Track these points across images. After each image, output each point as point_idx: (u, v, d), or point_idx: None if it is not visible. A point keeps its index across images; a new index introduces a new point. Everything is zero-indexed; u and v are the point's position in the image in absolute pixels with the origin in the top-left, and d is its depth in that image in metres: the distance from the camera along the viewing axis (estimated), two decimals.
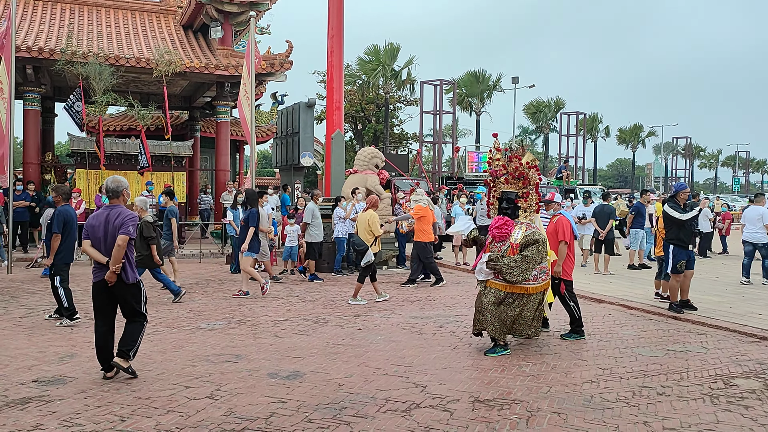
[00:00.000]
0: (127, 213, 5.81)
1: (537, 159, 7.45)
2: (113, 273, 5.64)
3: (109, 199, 5.96)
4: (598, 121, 54.28)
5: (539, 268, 6.84)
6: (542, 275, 6.90)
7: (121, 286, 5.75)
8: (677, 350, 7.11)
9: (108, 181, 5.98)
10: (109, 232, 5.73)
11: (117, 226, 5.69)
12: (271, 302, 9.91)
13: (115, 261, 5.60)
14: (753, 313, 9.11)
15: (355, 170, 15.18)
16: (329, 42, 17.50)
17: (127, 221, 5.70)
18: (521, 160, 7.07)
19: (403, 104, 45.28)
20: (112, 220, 5.76)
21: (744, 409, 5.14)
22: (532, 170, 7.07)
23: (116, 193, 5.92)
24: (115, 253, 5.59)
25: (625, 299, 10.16)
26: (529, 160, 7.12)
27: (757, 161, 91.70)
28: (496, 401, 5.25)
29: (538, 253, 6.76)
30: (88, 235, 5.84)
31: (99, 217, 5.86)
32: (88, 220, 5.96)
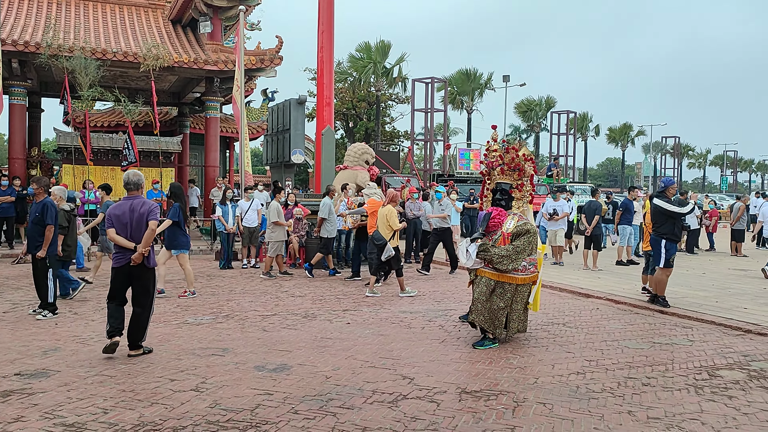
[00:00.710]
0: (151, 202, 6.50)
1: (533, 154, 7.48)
2: (141, 255, 6.19)
3: (128, 191, 6.46)
4: (588, 120, 54.51)
5: (529, 259, 6.87)
6: (531, 267, 6.93)
7: (141, 268, 6.28)
8: (663, 343, 7.14)
9: (129, 174, 6.51)
10: (134, 219, 6.26)
11: (143, 214, 6.28)
12: (259, 297, 9.87)
13: (145, 244, 6.19)
14: (739, 307, 9.17)
15: (345, 166, 15.15)
16: (319, 38, 17.44)
17: (154, 209, 6.36)
18: (518, 151, 7.11)
19: (394, 102, 45.32)
20: (137, 208, 6.30)
21: (728, 399, 5.17)
22: (528, 162, 7.12)
23: (137, 185, 6.48)
24: (147, 237, 6.20)
25: (612, 294, 10.20)
26: (525, 153, 7.16)
27: (745, 161, 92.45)
28: (483, 392, 5.25)
29: (528, 244, 6.79)
30: (113, 224, 6.30)
31: (122, 207, 6.35)
32: (111, 210, 6.41)
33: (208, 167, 19.42)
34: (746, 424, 4.59)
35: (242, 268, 13.53)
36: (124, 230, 6.24)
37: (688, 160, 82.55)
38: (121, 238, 6.23)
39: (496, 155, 7.32)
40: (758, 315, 8.58)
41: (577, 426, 4.53)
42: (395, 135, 46.78)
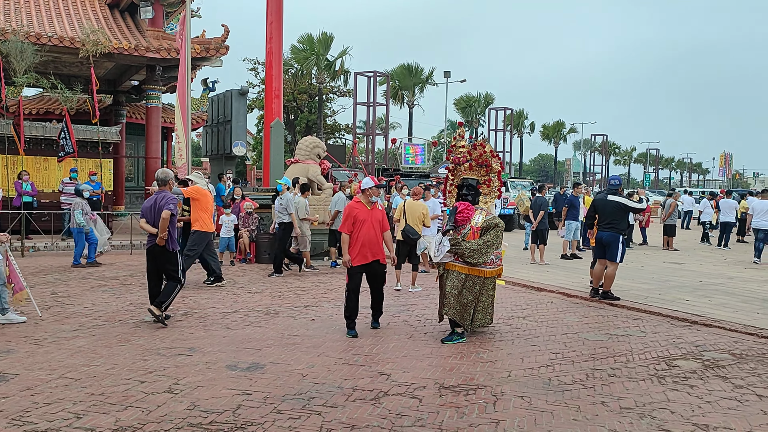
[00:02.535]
0: (171, 195, 7.65)
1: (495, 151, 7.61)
2: (161, 239, 7.40)
3: (158, 186, 7.72)
4: (524, 117, 55.93)
5: (495, 252, 7.01)
6: (497, 260, 7.08)
7: (163, 251, 7.54)
8: (619, 334, 7.45)
9: (158, 172, 7.83)
10: (156, 210, 7.53)
11: (162, 206, 7.44)
12: (215, 294, 9.65)
13: (161, 230, 7.37)
14: (681, 299, 9.66)
15: (296, 160, 14.95)
16: (268, 28, 17.14)
17: (169, 201, 7.51)
18: (485, 147, 7.24)
19: (335, 95, 45.06)
20: (159, 201, 7.54)
21: (689, 389, 5.45)
22: (495, 158, 7.25)
23: (164, 182, 7.74)
24: (161, 224, 7.36)
25: (563, 287, 10.54)
26: (490, 149, 7.30)
27: (666, 158, 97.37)
28: (461, 387, 5.34)
29: (497, 238, 6.94)
30: (144, 215, 7.65)
31: (150, 200, 7.67)
32: (144, 204, 7.72)
33: (149, 159, 18.80)
34: (711, 412, 4.86)
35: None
36: (150, 220, 7.56)
37: (615, 157, 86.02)
38: (148, 226, 7.55)
39: (463, 151, 7.43)
40: (700, 306, 9.07)
41: (557, 418, 4.67)
42: (336, 128, 46.56)
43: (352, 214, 7.23)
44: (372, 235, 7.20)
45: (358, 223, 7.15)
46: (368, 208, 7.30)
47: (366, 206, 7.30)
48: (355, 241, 7.17)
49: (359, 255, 7.15)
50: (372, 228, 7.20)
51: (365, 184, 7.43)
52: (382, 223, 7.39)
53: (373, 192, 7.40)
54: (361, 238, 7.14)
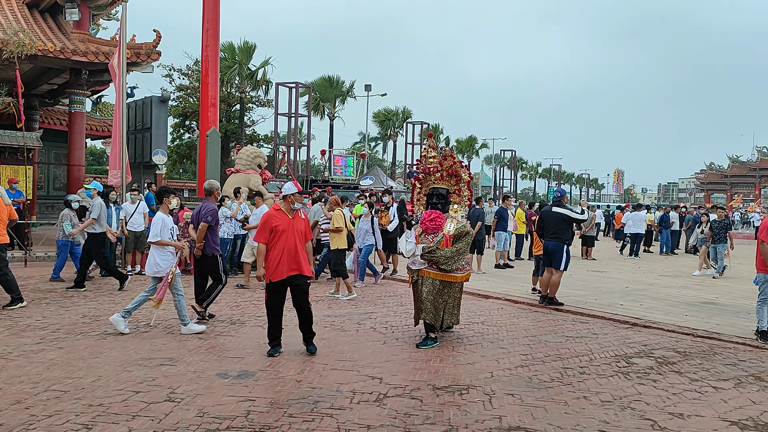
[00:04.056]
0: (210, 207, 8.43)
1: None
2: (198, 249, 8.25)
3: (206, 196, 8.68)
4: (439, 132, 57.48)
5: (465, 258, 7.38)
6: (466, 266, 7.46)
7: (203, 256, 8.33)
8: (574, 336, 8.00)
9: (205, 184, 8.76)
10: (200, 218, 8.35)
11: (203, 216, 8.31)
12: (169, 305, 9.40)
13: (197, 239, 8.27)
14: (615, 303, 10.44)
15: (237, 169, 14.82)
16: (204, 36, 16.96)
17: (207, 213, 8.32)
18: (455, 158, 7.61)
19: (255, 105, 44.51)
20: (201, 211, 8.39)
21: (653, 383, 6.00)
22: (464, 169, 7.64)
23: (209, 192, 8.66)
24: (198, 234, 8.28)
25: (508, 295, 11.10)
26: (459, 160, 7.70)
27: (568, 174, 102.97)
28: (453, 387, 5.62)
29: (467, 245, 7.32)
30: (192, 221, 8.73)
31: (197, 210, 8.60)
32: (193, 211, 8.83)
33: (72, 166, 17.88)
34: (680, 403, 5.40)
35: (128, 274, 12.70)
36: (196, 227, 8.39)
37: (522, 172, 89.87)
38: (194, 232, 8.53)
39: (434, 162, 7.77)
40: (634, 310, 9.84)
41: (550, 412, 5.05)
42: (255, 138, 45.96)
43: (270, 223, 6.65)
44: (293, 246, 6.63)
45: (277, 233, 6.61)
46: (289, 217, 6.73)
47: (287, 215, 6.73)
48: (274, 253, 6.60)
49: (278, 268, 6.59)
50: (293, 238, 6.64)
51: (287, 190, 6.84)
52: (305, 233, 6.84)
53: (295, 199, 6.83)
54: (280, 249, 6.58)
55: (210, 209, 8.39)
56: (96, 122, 25.88)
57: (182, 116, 44.04)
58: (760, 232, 7.75)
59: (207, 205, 8.45)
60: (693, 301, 11.00)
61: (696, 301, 10.94)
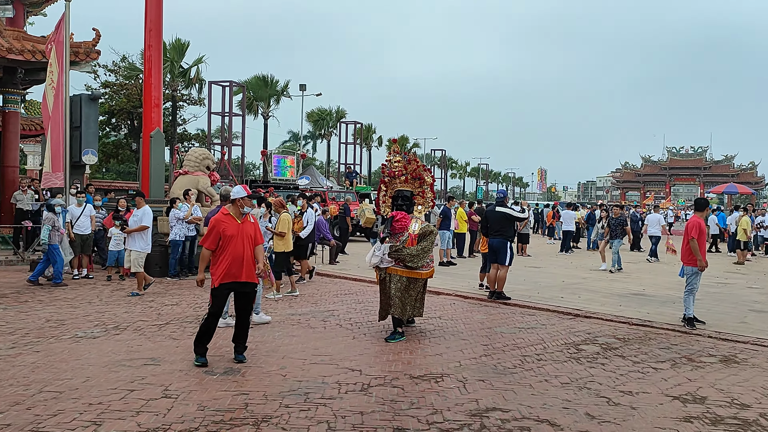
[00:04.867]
0: None
1: None
2: None
3: (221, 201, 8.40)
4: (372, 131, 58.10)
5: (429, 256, 7.90)
6: (431, 263, 7.97)
7: None
8: (525, 328, 8.68)
9: (221, 189, 9.16)
10: None
11: None
12: (132, 307, 9.48)
13: None
14: (556, 297, 11.26)
15: (185, 171, 14.78)
16: (147, 36, 16.72)
17: None
18: (419, 162, 8.13)
19: (186, 103, 43.66)
20: None
21: (602, 366, 6.71)
22: (426, 172, 8.16)
23: (225, 198, 7.99)
24: None
25: (458, 291, 11.73)
26: (422, 164, 8.22)
27: (495, 172, 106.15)
28: (428, 376, 6.11)
29: (431, 243, 7.85)
30: (206, 224, 8.59)
31: (211, 213, 8.57)
32: (207, 216, 8.86)
33: (7, 167, 17.26)
34: (628, 382, 6.11)
35: (73, 278, 12.53)
36: None
37: (451, 170, 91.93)
38: None
39: (399, 166, 8.26)
40: (573, 302, 10.67)
41: (519, 394, 5.62)
42: (186, 137, 45.08)
43: (218, 228, 6.44)
44: (241, 252, 6.44)
45: (226, 239, 6.41)
46: (238, 222, 6.53)
47: (236, 219, 6.54)
48: (222, 259, 6.41)
49: (226, 274, 6.41)
50: (242, 244, 6.45)
51: (236, 194, 6.64)
52: (255, 237, 6.66)
53: (244, 203, 6.66)
54: (228, 254, 6.39)
55: None
56: (24, 121, 24.86)
57: (108, 114, 42.72)
58: (690, 230, 8.66)
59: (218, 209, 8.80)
60: (624, 292, 11.98)
61: (626, 293, 11.92)
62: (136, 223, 11.31)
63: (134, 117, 43.53)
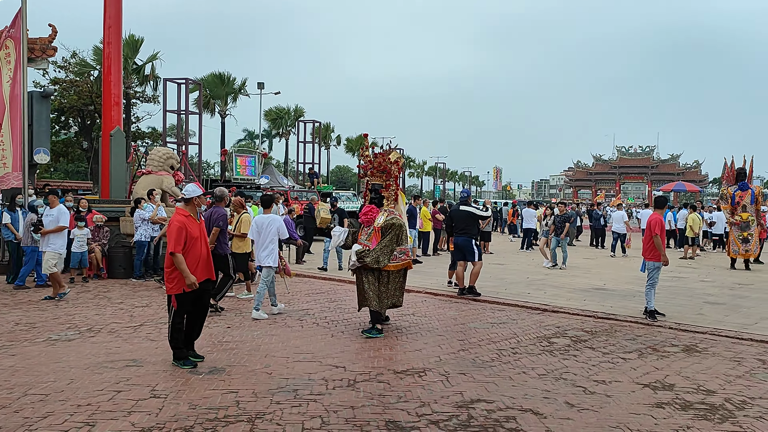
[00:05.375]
0: (222, 212, 9.34)
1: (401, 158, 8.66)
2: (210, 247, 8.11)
3: (216, 202, 9.49)
4: (330, 130, 58.03)
5: (399, 249, 8.03)
6: (402, 255, 8.10)
7: (217, 256, 8.61)
8: (497, 323, 8.94)
9: (216, 190, 9.61)
10: (211, 223, 9.05)
11: (214, 221, 9.11)
12: (102, 309, 9.36)
13: (210, 241, 8.39)
14: (523, 292, 11.59)
15: (148, 171, 14.57)
16: (106, 33, 16.49)
17: (219, 218, 9.21)
18: (385, 156, 8.28)
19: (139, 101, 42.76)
20: (212, 216, 9.14)
21: (574, 357, 7.00)
22: (394, 165, 8.31)
23: (220, 199, 9.52)
24: (211, 237, 8.77)
25: (427, 288, 11.94)
26: (394, 158, 8.34)
27: (452, 171, 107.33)
28: (411, 371, 6.28)
29: (396, 236, 8.01)
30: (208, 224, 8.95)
31: (207, 214, 9.11)
32: (204, 215, 8.64)
33: None
34: (600, 372, 6.41)
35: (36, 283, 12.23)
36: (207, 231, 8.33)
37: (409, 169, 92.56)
38: None
39: (368, 159, 8.43)
40: (540, 298, 11.01)
41: (500, 386, 5.84)
42: (139, 135, 44.16)
43: (185, 229, 6.25)
44: (205, 252, 6.46)
45: (191, 241, 6.29)
46: (198, 222, 6.52)
47: (195, 219, 6.49)
48: (190, 261, 6.26)
49: (195, 275, 6.30)
50: (202, 244, 6.45)
51: (191, 192, 6.53)
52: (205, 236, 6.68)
53: (200, 201, 6.65)
54: (195, 256, 6.33)
55: (221, 214, 9.26)
56: None
57: (58, 112, 41.51)
58: (654, 226, 9.07)
59: (218, 210, 9.29)
60: (586, 287, 12.41)
61: (589, 288, 12.36)
62: (53, 223, 10.52)
63: (85, 115, 42.47)
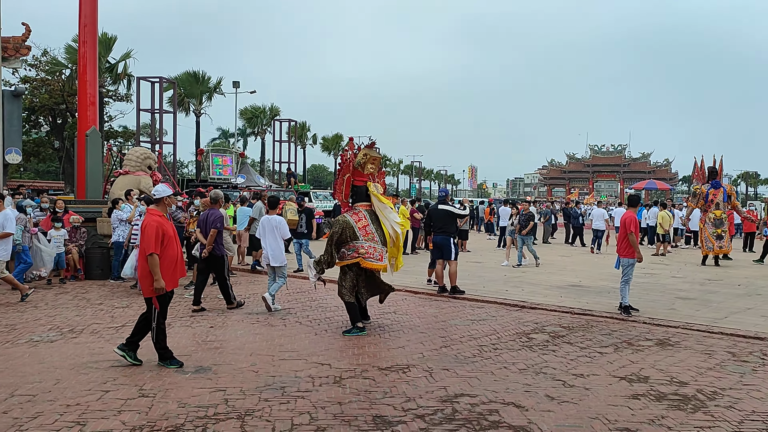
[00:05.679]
0: (218, 214, 9.70)
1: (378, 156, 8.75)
2: (208, 250, 9.45)
3: (211, 204, 9.96)
4: (306, 129, 57.89)
5: (348, 246, 8.15)
6: (351, 252, 8.16)
7: (213, 256, 9.51)
8: (477, 320, 9.11)
9: (211, 192, 10.07)
10: (208, 224, 9.55)
11: (211, 222, 9.49)
12: (82, 311, 9.31)
13: (208, 243, 9.45)
14: (502, 290, 11.79)
15: (126, 171, 14.48)
16: (81, 32, 16.29)
17: (217, 220, 9.55)
18: (345, 156, 8.49)
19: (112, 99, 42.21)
20: (209, 218, 9.59)
21: (552, 352, 7.19)
22: (345, 162, 8.46)
23: (215, 201, 9.94)
24: (209, 239, 9.45)
25: (407, 287, 12.06)
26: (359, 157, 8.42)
27: (428, 170, 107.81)
28: (395, 367, 6.41)
29: (331, 236, 8.25)
30: (199, 226, 9.87)
31: (203, 216, 9.78)
32: (200, 217, 10.00)
33: None
34: (579, 366, 6.61)
35: None
36: (203, 231, 9.63)
37: (386, 168, 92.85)
38: (201, 236, 9.67)
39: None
40: (519, 295, 11.21)
41: (483, 381, 6.00)
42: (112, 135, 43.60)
43: (161, 229, 6.22)
44: (179, 252, 6.51)
45: (167, 240, 6.27)
46: (170, 222, 6.58)
47: (167, 219, 6.55)
48: (168, 261, 6.27)
49: (172, 278, 6.36)
50: (177, 244, 6.49)
51: (162, 192, 6.51)
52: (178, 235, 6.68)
53: (171, 201, 6.66)
54: (172, 256, 6.33)
55: (218, 216, 9.60)
56: None
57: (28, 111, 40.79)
58: (629, 224, 9.33)
59: (214, 212, 9.67)
60: (562, 284, 12.67)
61: (565, 285, 12.61)
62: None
63: (57, 114, 41.79)
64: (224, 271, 9.63)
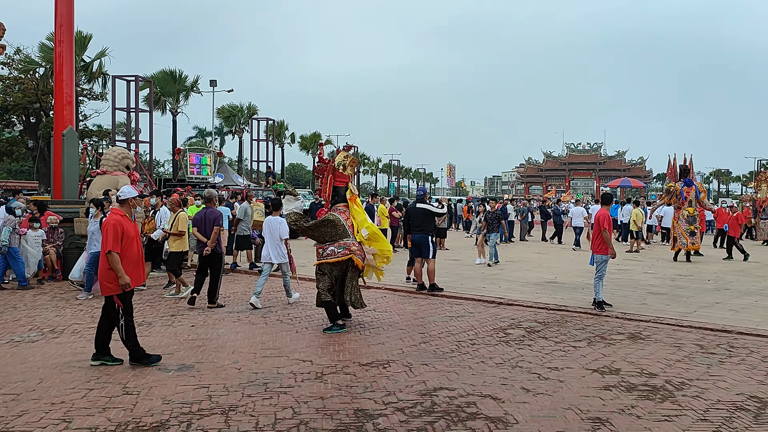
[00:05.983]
0: (217, 212, 9.97)
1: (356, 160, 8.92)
2: (209, 248, 9.60)
3: (205, 203, 10.32)
4: (284, 128, 57.74)
5: (337, 244, 8.29)
6: (341, 250, 8.30)
7: (213, 254, 9.68)
8: (455, 316, 9.30)
9: (204, 192, 10.38)
10: (207, 223, 9.77)
11: (211, 220, 9.76)
12: (62, 311, 9.32)
13: (211, 242, 9.63)
14: (479, 287, 12.01)
15: (103, 171, 14.41)
16: (57, 31, 16.16)
17: (218, 218, 9.83)
18: (323, 158, 8.66)
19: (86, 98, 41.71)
20: (208, 216, 9.84)
21: (528, 347, 7.40)
22: (327, 167, 8.62)
23: (209, 200, 10.22)
24: (212, 237, 9.64)
25: (386, 285, 12.20)
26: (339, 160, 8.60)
27: (406, 168, 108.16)
28: (375, 363, 6.56)
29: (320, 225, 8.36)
30: (196, 224, 9.91)
31: (200, 215, 9.97)
32: (195, 216, 10.17)
33: None
34: (553, 359, 6.82)
35: None
36: (202, 230, 9.76)
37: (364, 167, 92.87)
38: (200, 235, 9.73)
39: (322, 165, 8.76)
40: (496, 291, 11.45)
41: (461, 375, 6.18)
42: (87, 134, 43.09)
43: (120, 229, 6.33)
44: (141, 251, 6.64)
45: (128, 240, 6.39)
46: (133, 222, 6.68)
47: (130, 219, 6.66)
48: (130, 260, 6.39)
49: (134, 277, 6.45)
50: (138, 244, 6.62)
51: (127, 194, 6.66)
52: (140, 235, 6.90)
53: (135, 202, 6.82)
54: (135, 255, 6.46)
55: (218, 214, 9.90)
56: None
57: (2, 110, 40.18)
58: (602, 221, 9.58)
59: (213, 211, 9.93)
60: (538, 281, 12.93)
61: (540, 281, 12.88)
62: None
63: (30, 113, 41.21)
64: (221, 268, 9.96)
